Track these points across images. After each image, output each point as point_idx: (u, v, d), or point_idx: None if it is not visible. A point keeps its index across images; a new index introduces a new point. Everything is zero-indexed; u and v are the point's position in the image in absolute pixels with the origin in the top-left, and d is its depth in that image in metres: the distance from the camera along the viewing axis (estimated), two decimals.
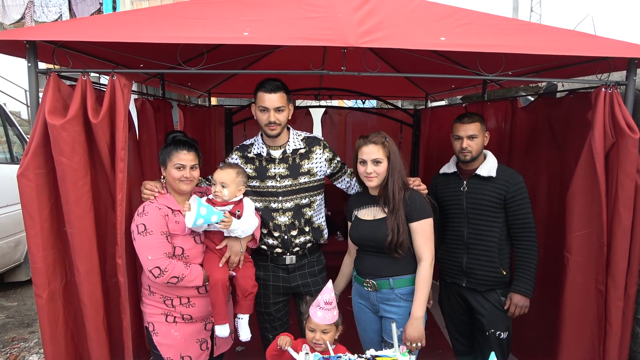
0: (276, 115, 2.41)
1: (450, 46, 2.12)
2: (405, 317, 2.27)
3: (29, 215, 2.11)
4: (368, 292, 2.35)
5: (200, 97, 5.70)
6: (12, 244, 4.98)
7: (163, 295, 2.28)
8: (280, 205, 2.52)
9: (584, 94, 2.73)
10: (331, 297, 2.03)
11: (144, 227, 2.17)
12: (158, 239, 2.17)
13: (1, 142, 5.43)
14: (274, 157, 2.53)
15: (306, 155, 2.56)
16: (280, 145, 2.54)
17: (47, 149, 2.10)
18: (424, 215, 2.27)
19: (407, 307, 2.28)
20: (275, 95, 2.40)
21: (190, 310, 2.29)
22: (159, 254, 2.15)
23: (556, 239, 2.92)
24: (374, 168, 2.26)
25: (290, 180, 2.52)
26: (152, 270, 2.13)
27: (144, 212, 2.21)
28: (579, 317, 2.34)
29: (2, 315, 4.71)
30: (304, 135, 2.64)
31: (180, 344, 2.29)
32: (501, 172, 2.58)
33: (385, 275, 2.30)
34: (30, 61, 2.13)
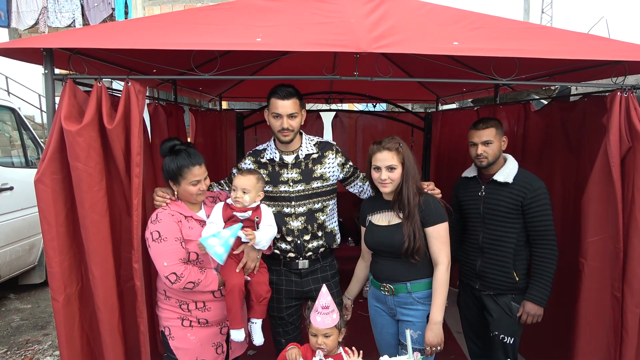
0: (289, 122, 2.42)
1: (463, 51, 2.12)
2: (422, 320, 2.28)
3: (46, 220, 2.13)
4: (385, 296, 2.35)
5: (211, 101, 5.73)
6: (27, 247, 5.05)
7: (179, 300, 2.29)
8: (293, 210, 2.52)
9: (599, 98, 2.71)
10: (327, 302, 2.04)
11: (158, 234, 2.19)
12: (173, 245, 2.19)
13: (16, 146, 5.51)
14: (286, 162, 2.54)
15: (319, 160, 2.57)
16: (293, 150, 2.55)
17: (63, 155, 2.12)
18: (439, 219, 2.27)
19: (424, 311, 2.28)
20: (289, 101, 2.41)
21: (206, 314, 2.30)
22: (175, 260, 2.17)
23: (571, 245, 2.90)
24: (389, 174, 2.25)
25: (303, 185, 2.52)
26: (168, 276, 2.15)
27: (157, 220, 2.22)
28: (594, 323, 2.31)
29: (17, 318, 4.77)
30: (317, 140, 2.64)
31: (197, 347, 2.30)
32: (521, 177, 2.54)
33: (403, 280, 2.30)
34: (47, 68, 2.16)
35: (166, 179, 2.33)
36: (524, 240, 2.56)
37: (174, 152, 2.26)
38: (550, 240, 2.49)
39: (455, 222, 2.82)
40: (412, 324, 2.29)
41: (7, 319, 4.75)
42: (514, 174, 2.55)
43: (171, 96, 3.98)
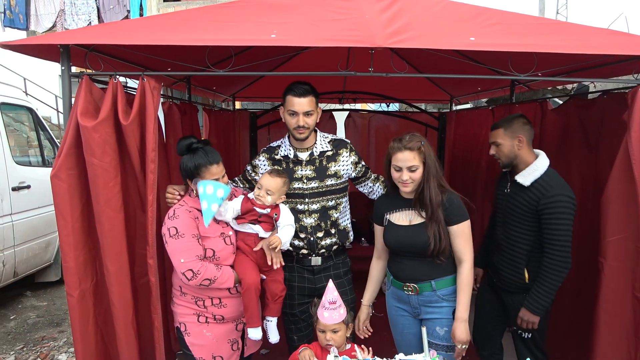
0: (305, 119, 2.42)
1: (480, 46, 2.09)
2: (448, 317, 2.25)
3: (62, 216, 2.15)
4: (409, 296, 2.30)
5: (224, 101, 5.75)
6: (43, 245, 5.11)
7: (194, 296, 2.29)
8: (307, 207, 2.51)
9: (619, 95, 2.66)
10: (334, 297, 2.03)
11: (175, 230, 2.18)
12: (190, 242, 2.18)
13: (33, 146, 5.60)
14: (300, 159, 2.54)
15: (333, 157, 2.56)
16: (308, 147, 2.55)
17: (79, 150, 2.14)
18: (463, 217, 2.23)
19: (449, 307, 2.25)
20: (305, 99, 2.40)
21: (222, 310, 2.30)
22: (192, 257, 2.16)
23: (590, 245, 2.84)
24: (410, 175, 2.20)
25: (317, 182, 2.51)
26: (185, 272, 2.14)
27: (174, 216, 2.22)
28: (614, 324, 2.25)
29: (33, 315, 4.83)
30: (331, 138, 2.63)
31: (212, 344, 2.29)
32: (543, 181, 2.42)
33: (427, 278, 2.26)
34: (64, 65, 2.18)
35: (184, 177, 2.32)
36: (540, 243, 2.49)
37: (191, 151, 2.25)
38: (558, 250, 2.36)
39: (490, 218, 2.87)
40: (438, 321, 2.26)
41: (23, 316, 4.82)
42: (536, 177, 2.43)
43: (185, 95, 4.00)
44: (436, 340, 2.27)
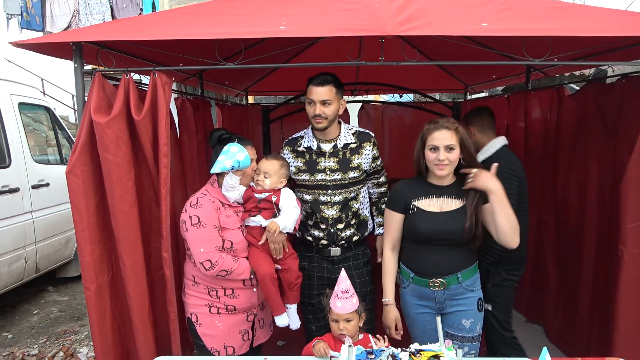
0: (322, 109, 2.41)
1: (493, 31, 2.04)
2: (473, 308, 2.21)
3: (77, 211, 2.18)
4: (434, 292, 2.21)
5: (237, 95, 5.77)
6: (63, 241, 5.21)
7: (208, 286, 2.30)
8: (329, 198, 2.51)
9: (638, 78, 2.59)
10: (347, 286, 2.02)
11: (197, 219, 2.19)
12: (211, 232, 2.20)
13: (52, 144, 5.69)
14: (324, 150, 2.54)
15: (357, 150, 2.54)
16: (331, 139, 2.54)
17: (93, 147, 2.17)
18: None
19: (473, 298, 2.22)
20: (323, 88, 2.40)
21: (234, 301, 2.31)
22: (211, 247, 2.18)
23: (609, 232, 2.79)
24: (447, 155, 2.11)
25: (340, 174, 2.50)
26: (203, 262, 2.17)
27: (197, 205, 2.23)
28: (635, 312, 2.21)
29: (55, 309, 4.93)
30: (355, 130, 2.61)
31: (224, 334, 2.32)
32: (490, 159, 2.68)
33: (454, 271, 2.19)
34: (77, 62, 2.20)
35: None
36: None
37: (223, 141, 2.30)
38: None
39: None
40: (463, 313, 2.21)
41: (46, 310, 4.92)
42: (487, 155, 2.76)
43: (198, 91, 4.02)
44: (462, 332, 2.21)
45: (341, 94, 2.52)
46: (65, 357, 3.89)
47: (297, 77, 5.52)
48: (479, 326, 2.24)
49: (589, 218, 3.08)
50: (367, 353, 1.76)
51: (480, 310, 2.23)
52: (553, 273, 3.60)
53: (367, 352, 1.76)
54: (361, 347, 1.78)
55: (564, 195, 3.38)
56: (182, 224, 2.26)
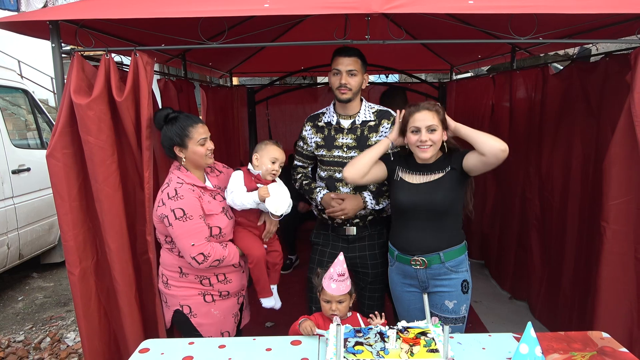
0: (347, 79, 2.40)
1: (479, 9, 2.02)
2: (456, 289, 2.21)
3: (59, 195, 2.14)
4: (416, 271, 2.23)
5: (221, 77, 5.69)
6: (47, 227, 5.14)
7: (198, 275, 2.20)
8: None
9: (622, 56, 2.60)
10: (343, 269, 2.02)
11: (182, 212, 2.05)
12: (198, 224, 2.08)
13: (31, 129, 5.56)
14: (343, 126, 2.52)
15: (375, 128, 2.51)
16: (351, 115, 2.52)
17: (73, 129, 2.12)
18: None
19: (457, 279, 2.21)
20: (350, 59, 2.40)
21: (227, 286, 2.27)
22: (202, 240, 2.08)
23: (591, 209, 2.84)
24: (429, 136, 2.11)
25: (357, 151, 2.47)
26: (195, 257, 2.06)
27: (178, 196, 2.07)
28: (616, 287, 2.26)
29: (40, 295, 4.89)
30: (377, 108, 2.58)
31: (220, 321, 2.27)
32: None
33: (435, 249, 2.19)
34: (54, 42, 2.13)
35: (170, 149, 2.19)
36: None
37: (170, 120, 2.17)
38: None
39: None
40: (447, 294, 2.22)
41: (31, 296, 4.87)
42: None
43: (181, 72, 3.95)
44: (445, 313, 2.23)
45: (365, 69, 2.51)
46: (52, 342, 3.86)
47: (283, 58, 5.47)
48: (463, 308, 2.24)
49: (572, 196, 3.13)
50: (356, 331, 1.77)
51: (464, 292, 2.24)
52: (537, 250, 3.67)
53: (355, 330, 1.78)
54: (349, 326, 1.80)
55: (548, 173, 3.42)
56: (161, 219, 2.09)
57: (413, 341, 1.69)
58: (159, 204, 2.10)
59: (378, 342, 1.69)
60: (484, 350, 1.80)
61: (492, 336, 1.92)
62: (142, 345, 1.92)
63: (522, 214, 3.88)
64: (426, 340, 1.69)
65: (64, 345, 3.80)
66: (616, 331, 2.11)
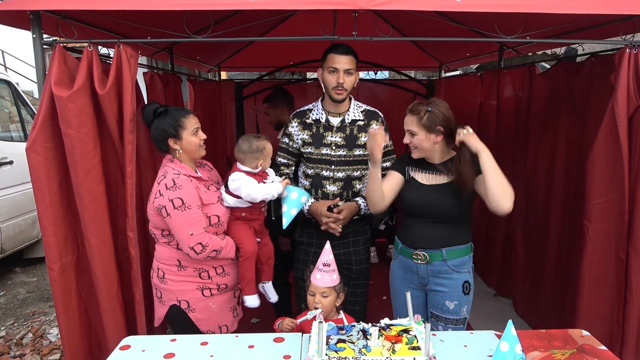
0: (344, 78, 2.37)
1: (466, 7, 2.02)
2: (456, 289, 2.19)
3: (39, 189, 2.11)
4: (417, 265, 2.23)
5: (210, 71, 5.64)
6: (30, 221, 5.06)
7: (197, 268, 2.17)
8: (332, 174, 2.48)
9: (606, 57, 2.63)
10: (329, 259, 2.01)
11: (181, 201, 2.03)
12: (197, 213, 2.07)
13: (15, 121, 5.47)
14: (332, 124, 2.49)
15: (364, 128, 2.49)
16: (340, 113, 2.50)
17: (54, 122, 2.08)
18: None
19: (458, 279, 2.19)
20: (347, 57, 2.37)
21: (225, 279, 2.25)
22: (200, 229, 2.06)
23: (574, 208, 2.86)
24: (411, 139, 2.19)
25: (345, 150, 2.47)
26: (194, 247, 2.04)
27: (176, 186, 2.05)
28: (598, 285, 2.28)
29: (23, 290, 4.82)
30: (365, 108, 2.56)
31: (218, 315, 2.24)
32: None
33: (438, 246, 2.18)
34: (35, 32, 2.09)
35: (162, 142, 2.16)
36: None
37: (161, 114, 2.16)
38: None
39: None
40: (448, 294, 2.20)
41: (13, 292, 4.80)
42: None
43: (168, 66, 3.90)
44: (446, 314, 2.21)
45: (357, 67, 2.49)
46: (35, 338, 3.81)
47: (271, 53, 5.43)
48: (464, 309, 2.22)
49: (555, 194, 3.15)
50: (338, 328, 1.77)
51: (466, 294, 2.21)
52: (521, 248, 3.70)
53: (337, 327, 1.77)
54: (332, 323, 1.79)
55: (533, 171, 3.45)
56: (158, 210, 2.07)
57: (395, 339, 1.68)
58: (156, 196, 2.08)
59: (360, 339, 1.69)
60: (466, 348, 1.80)
61: (473, 333, 1.93)
62: (123, 342, 1.89)
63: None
64: (408, 337, 1.69)
65: (46, 341, 3.75)
66: (597, 329, 2.13)
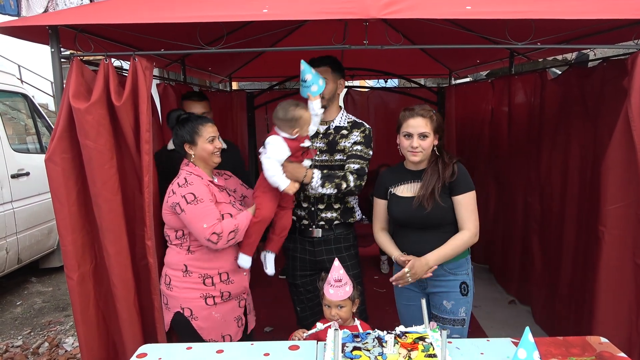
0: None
1: (477, 14, 2.03)
2: (455, 291, 2.22)
3: (57, 199, 2.14)
4: None
5: (221, 82, 5.70)
6: (45, 232, 5.13)
7: (202, 275, 2.21)
8: None
9: (619, 61, 2.62)
10: (340, 275, 2.03)
11: (193, 196, 2.10)
12: (210, 206, 2.13)
13: (31, 133, 5.57)
14: (318, 131, 2.54)
15: (347, 136, 2.53)
16: (327, 121, 2.56)
17: (72, 133, 2.12)
18: (468, 188, 2.19)
19: (456, 281, 2.22)
20: (319, 69, 2.44)
21: (229, 287, 2.26)
22: (212, 221, 2.11)
23: (589, 214, 2.84)
24: (420, 142, 2.16)
25: (327, 155, 2.51)
26: (210, 237, 2.09)
27: (187, 183, 2.15)
28: (615, 292, 2.25)
29: (39, 300, 4.87)
30: (353, 119, 2.61)
31: (221, 324, 2.26)
32: None
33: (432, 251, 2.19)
34: (53, 47, 2.14)
35: (180, 147, 2.26)
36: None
37: (182, 120, 2.25)
38: None
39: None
40: (445, 295, 2.24)
41: (29, 301, 4.86)
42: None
43: (180, 77, 3.96)
44: (443, 314, 2.25)
45: (339, 75, 2.54)
46: (50, 347, 3.85)
47: (282, 63, 5.47)
48: (462, 310, 2.24)
49: (570, 200, 3.13)
50: (354, 336, 1.77)
51: (463, 294, 2.24)
52: (538, 254, 3.67)
53: (353, 335, 1.77)
54: (347, 331, 1.79)
55: (547, 177, 3.43)
56: (173, 208, 2.15)
57: (411, 346, 1.68)
58: (170, 195, 2.17)
59: (376, 347, 1.69)
60: (482, 355, 1.79)
61: (490, 341, 1.92)
62: (139, 350, 1.91)
63: (524, 218, 3.88)
64: (424, 345, 1.69)
65: (62, 350, 3.78)
66: (615, 336, 2.10)
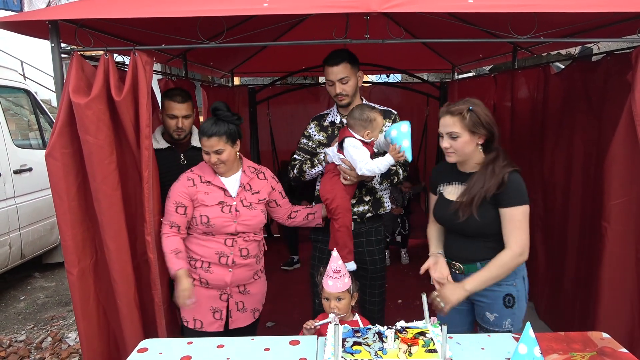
0: (342, 87, 2.48)
1: (479, 8, 2.01)
2: (496, 302, 2.06)
3: (57, 194, 2.14)
4: (455, 274, 2.14)
5: (223, 77, 5.68)
6: (48, 227, 5.15)
7: (190, 256, 2.36)
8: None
9: (623, 55, 2.59)
10: (338, 266, 2.03)
11: (169, 191, 2.33)
12: (169, 206, 2.31)
13: (33, 129, 5.58)
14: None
15: None
16: None
17: (72, 128, 2.12)
18: (518, 201, 1.97)
19: (499, 292, 2.05)
20: (338, 67, 2.46)
21: (208, 275, 2.33)
22: (166, 220, 2.33)
23: (592, 209, 2.82)
24: (451, 142, 2.00)
25: None
26: (162, 229, 2.32)
27: (177, 179, 2.36)
28: (618, 287, 2.24)
29: (42, 295, 4.90)
30: (380, 108, 2.58)
31: (194, 306, 2.28)
32: None
33: (473, 259, 2.08)
34: (53, 41, 2.14)
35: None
36: None
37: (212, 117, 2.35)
38: None
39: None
40: (487, 306, 2.09)
41: (32, 296, 4.89)
42: None
43: (182, 72, 3.95)
44: (488, 325, 2.11)
45: (357, 68, 2.56)
46: (53, 342, 3.87)
47: (284, 58, 5.46)
48: (507, 322, 2.08)
49: (573, 196, 3.11)
50: (354, 331, 1.76)
51: (507, 307, 2.07)
52: (541, 250, 3.65)
53: (353, 330, 1.77)
54: (348, 326, 1.79)
55: (550, 173, 3.40)
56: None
57: (411, 341, 1.68)
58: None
59: (376, 342, 1.68)
60: (483, 351, 1.79)
61: (491, 336, 1.91)
62: (140, 344, 1.91)
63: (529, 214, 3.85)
64: (424, 340, 1.68)
65: (65, 345, 3.80)
66: (617, 332, 2.09)
